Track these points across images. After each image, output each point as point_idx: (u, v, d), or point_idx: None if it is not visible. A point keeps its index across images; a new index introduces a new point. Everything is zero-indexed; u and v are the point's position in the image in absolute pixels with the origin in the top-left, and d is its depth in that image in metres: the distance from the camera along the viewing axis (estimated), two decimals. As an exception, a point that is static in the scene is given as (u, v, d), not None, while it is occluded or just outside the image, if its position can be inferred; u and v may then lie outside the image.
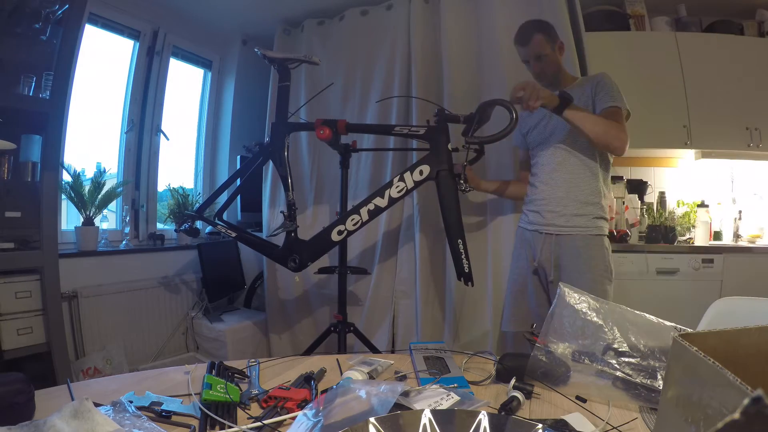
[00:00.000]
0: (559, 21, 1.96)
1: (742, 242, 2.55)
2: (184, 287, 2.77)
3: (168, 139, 2.88)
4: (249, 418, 0.72)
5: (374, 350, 1.97)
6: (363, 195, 1.97)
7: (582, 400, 0.77)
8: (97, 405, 0.67)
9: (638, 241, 2.45)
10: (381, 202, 1.64)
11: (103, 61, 2.55)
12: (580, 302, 0.86)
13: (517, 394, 0.76)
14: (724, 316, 1.12)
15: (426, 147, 1.64)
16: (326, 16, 2.68)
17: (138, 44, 2.67)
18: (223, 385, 0.78)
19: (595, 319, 0.84)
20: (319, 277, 2.49)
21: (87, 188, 2.30)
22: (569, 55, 1.95)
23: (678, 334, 0.43)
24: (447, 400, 0.76)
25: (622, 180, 2.61)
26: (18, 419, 0.60)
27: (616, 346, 0.81)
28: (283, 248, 1.81)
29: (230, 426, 0.69)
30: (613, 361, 0.80)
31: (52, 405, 0.66)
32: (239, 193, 2.45)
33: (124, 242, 2.55)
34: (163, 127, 2.84)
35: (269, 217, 2.71)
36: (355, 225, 1.68)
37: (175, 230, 2.18)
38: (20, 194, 1.90)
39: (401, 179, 1.62)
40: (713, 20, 2.64)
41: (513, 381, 0.80)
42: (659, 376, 0.76)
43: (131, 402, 0.71)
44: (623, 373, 0.78)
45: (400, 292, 2.38)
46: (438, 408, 0.72)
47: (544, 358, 0.83)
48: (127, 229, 2.59)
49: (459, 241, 1.57)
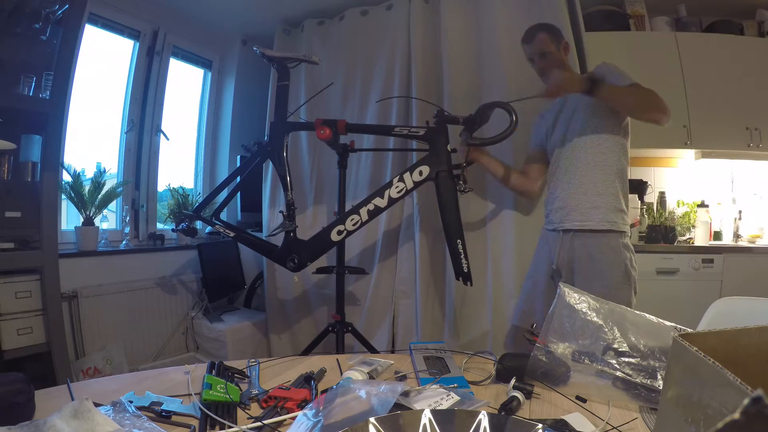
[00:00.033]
0: (560, 21, 1.96)
1: (742, 242, 2.55)
2: (184, 287, 2.77)
3: (168, 139, 2.88)
4: (249, 418, 0.72)
5: (372, 350, 1.97)
6: (363, 195, 1.97)
7: (582, 400, 0.77)
8: (97, 405, 0.67)
9: (638, 241, 2.45)
10: (381, 203, 1.64)
11: (103, 61, 2.55)
12: (580, 302, 0.86)
13: (517, 394, 0.76)
14: (724, 316, 1.12)
15: (425, 148, 1.64)
16: (326, 16, 2.68)
17: (138, 44, 2.67)
18: (223, 385, 0.77)
19: (595, 319, 0.84)
20: (319, 277, 2.49)
21: (87, 188, 2.30)
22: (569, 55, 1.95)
23: (678, 334, 0.43)
24: (447, 400, 0.76)
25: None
26: (18, 419, 0.60)
27: (616, 346, 0.81)
28: (282, 248, 1.81)
29: (230, 426, 0.68)
30: (613, 361, 0.80)
31: (52, 405, 0.66)
32: (238, 193, 2.44)
33: (124, 242, 2.55)
34: (163, 127, 2.84)
35: (269, 217, 2.71)
36: (354, 225, 1.68)
37: (173, 230, 2.18)
38: (20, 194, 1.90)
39: (401, 180, 1.62)
40: (713, 20, 2.64)
41: (513, 381, 0.80)
42: (659, 376, 0.76)
43: (131, 402, 0.71)
44: (623, 373, 0.78)
45: (400, 292, 2.38)
46: (438, 408, 0.72)
47: (544, 358, 0.83)
48: (127, 229, 2.59)
49: (458, 241, 1.58)
